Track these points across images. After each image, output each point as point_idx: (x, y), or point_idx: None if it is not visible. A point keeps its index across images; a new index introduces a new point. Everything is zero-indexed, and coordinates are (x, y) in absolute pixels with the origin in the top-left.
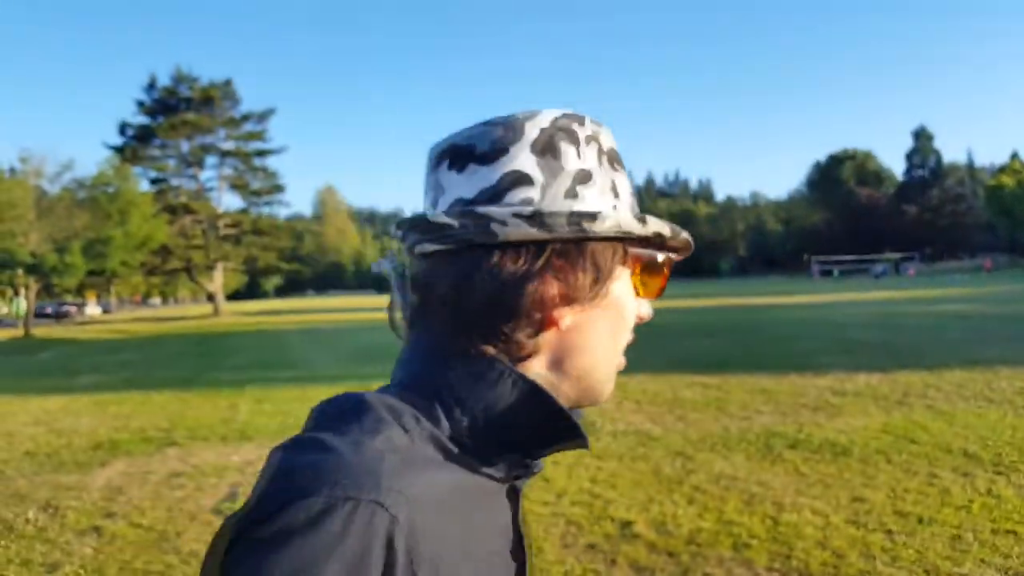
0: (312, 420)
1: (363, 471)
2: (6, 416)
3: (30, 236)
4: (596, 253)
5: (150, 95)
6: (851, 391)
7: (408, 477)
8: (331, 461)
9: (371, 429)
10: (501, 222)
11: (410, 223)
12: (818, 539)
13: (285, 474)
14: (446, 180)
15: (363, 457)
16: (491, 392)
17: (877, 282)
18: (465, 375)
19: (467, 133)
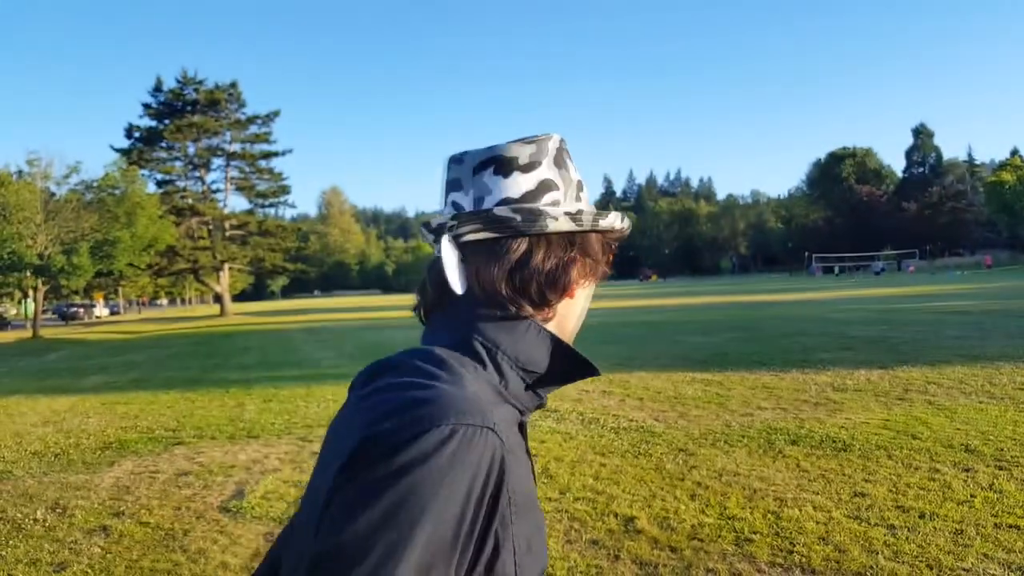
0: (390, 370)
1: (471, 404)
2: (15, 416)
3: (38, 238)
4: (597, 242)
5: (156, 98)
6: (852, 387)
7: (496, 410)
8: (445, 396)
9: (457, 373)
10: (554, 218)
11: (471, 216)
12: (820, 534)
13: (407, 408)
14: (492, 183)
15: (466, 393)
16: (529, 345)
17: (877, 279)
18: (504, 331)
19: (507, 148)
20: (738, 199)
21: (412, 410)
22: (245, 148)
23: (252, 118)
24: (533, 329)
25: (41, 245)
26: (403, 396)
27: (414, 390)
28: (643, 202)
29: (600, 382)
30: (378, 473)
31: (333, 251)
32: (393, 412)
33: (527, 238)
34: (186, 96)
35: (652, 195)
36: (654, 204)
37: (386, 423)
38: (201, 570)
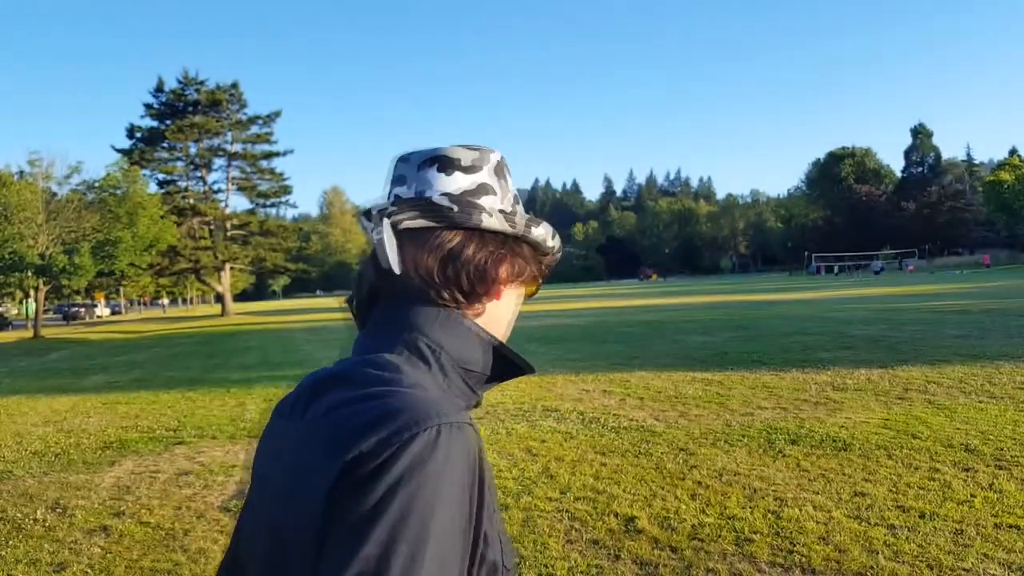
0: (339, 383)
1: (443, 403)
2: (15, 416)
3: (39, 238)
4: (526, 250)
5: (158, 98)
6: (852, 386)
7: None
8: (416, 400)
9: (415, 377)
10: (488, 213)
11: (411, 201)
12: (820, 534)
13: (385, 419)
14: (433, 178)
15: (433, 394)
16: (467, 344)
17: (877, 278)
18: (445, 332)
19: (451, 149)
20: (738, 198)
21: (390, 420)
22: (246, 148)
23: (253, 118)
24: (472, 329)
25: (43, 245)
26: (373, 408)
27: (381, 400)
28: (643, 201)
29: (601, 381)
30: (378, 491)
31: (335, 251)
32: (371, 426)
33: (461, 231)
34: (187, 96)
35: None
36: (654, 203)
37: (369, 438)
38: (202, 570)
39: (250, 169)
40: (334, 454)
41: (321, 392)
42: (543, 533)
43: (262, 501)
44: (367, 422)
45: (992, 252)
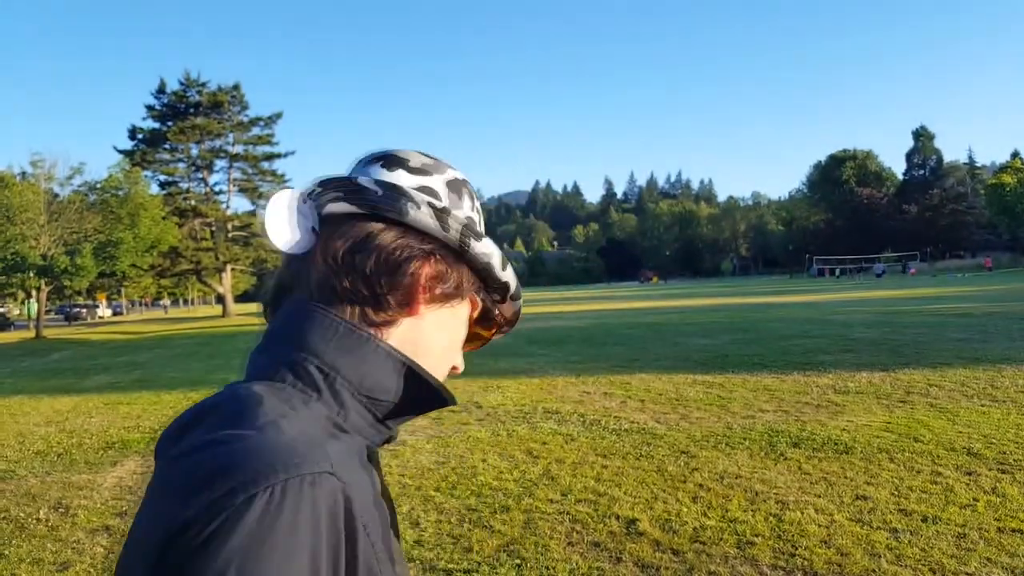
0: (207, 415)
1: (293, 449)
2: (18, 416)
3: (41, 239)
4: (464, 270)
5: (160, 100)
6: (853, 389)
7: (328, 447)
8: (258, 449)
9: (275, 414)
10: (416, 204)
11: (333, 181)
12: (822, 537)
13: (215, 477)
14: (374, 173)
15: (285, 438)
16: (374, 368)
17: (878, 281)
18: (343, 352)
19: (405, 151)
20: (739, 201)
21: (221, 479)
22: (248, 150)
23: (255, 120)
24: (381, 350)
25: (45, 246)
26: (210, 461)
27: (222, 448)
28: (644, 204)
29: (601, 384)
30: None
31: None
32: (201, 486)
33: (383, 220)
34: (189, 98)
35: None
36: (655, 206)
37: (194, 504)
38: None
39: (251, 170)
40: (164, 517)
41: (187, 428)
42: (544, 535)
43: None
44: (199, 481)
45: (994, 255)
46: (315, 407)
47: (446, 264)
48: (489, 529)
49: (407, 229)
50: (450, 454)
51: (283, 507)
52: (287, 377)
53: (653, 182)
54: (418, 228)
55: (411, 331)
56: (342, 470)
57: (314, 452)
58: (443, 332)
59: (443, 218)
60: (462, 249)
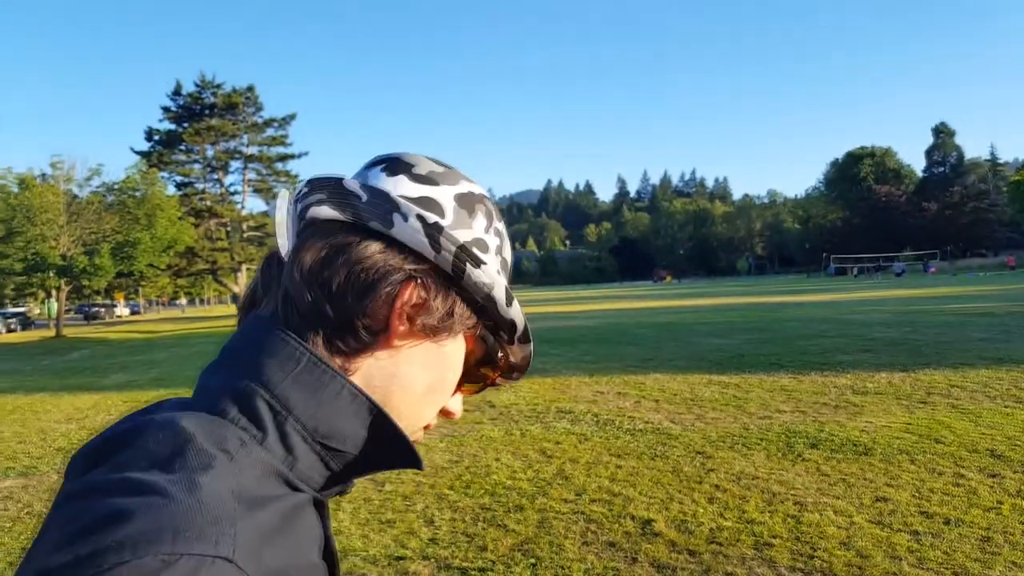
0: (111, 453)
1: (205, 519)
2: (39, 414)
3: (61, 239)
4: (458, 300)
5: (176, 101)
6: (872, 390)
7: (249, 519)
8: (159, 507)
9: (200, 464)
10: (403, 215)
11: (321, 181)
12: (841, 539)
13: (99, 528)
14: (374, 177)
15: (201, 501)
16: (335, 411)
17: (898, 280)
18: (301, 388)
19: (414, 155)
20: (754, 199)
21: (104, 532)
22: (262, 151)
23: (269, 121)
24: (346, 392)
25: (64, 246)
26: (102, 506)
27: (120, 495)
28: (657, 202)
29: (615, 383)
30: None
31: None
32: (80, 534)
33: (366, 230)
34: (204, 100)
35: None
36: (668, 204)
37: (67, 553)
38: None
39: (266, 171)
40: (38, 558)
41: (100, 456)
42: (559, 535)
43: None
44: (81, 528)
45: (1017, 253)
46: (255, 452)
47: (433, 291)
48: (503, 528)
49: (392, 244)
50: (464, 453)
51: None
52: (230, 411)
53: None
54: (405, 244)
55: (387, 364)
56: (249, 556)
57: (217, 528)
58: (427, 371)
59: (433, 235)
60: (455, 275)
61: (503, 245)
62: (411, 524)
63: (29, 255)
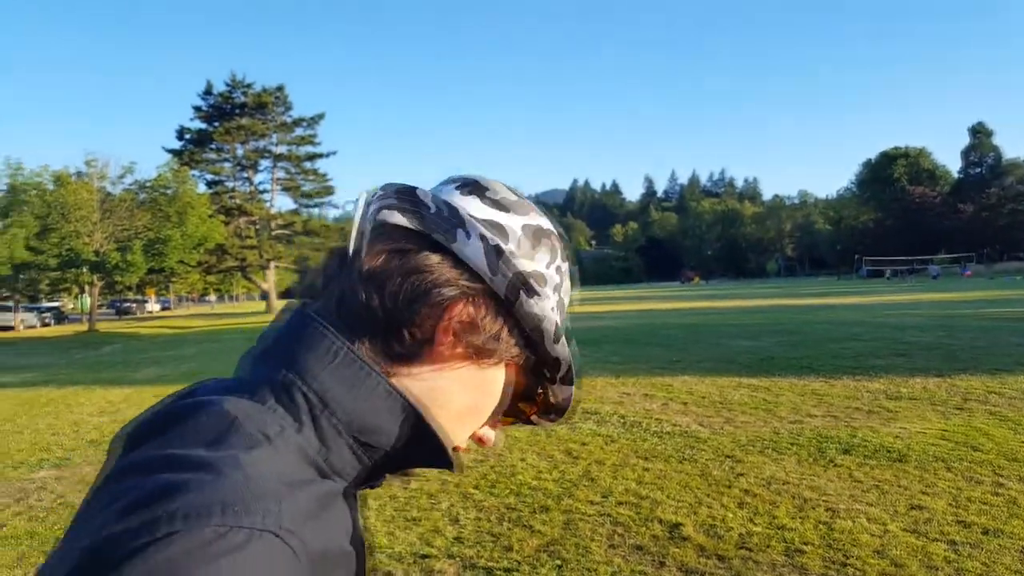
0: (156, 433)
1: (251, 495)
2: (73, 406)
3: (94, 236)
4: (506, 327)
5: (207, 101)
6: (907, 395)
7: (291, 499)
8: (209, 482)
9: (245, 444)
10: (467, 233)
11: (395, 187)
12: (875, 547)
13: (152, 501)
14: (447, 193)
15: (248, 477)
16: (371, 407)
17: (933, 283)
18: (339, 382)
19: (492, 180)
20: (785, 200)
21: (156, 505)
22: (291, 150)
23: (298, 120)
24: (382, 388)
25: (97, 242)
26: (154, 481)
27: (171, 471)
28: (685, 202)
29: (642, 385)
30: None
31: None
32: (134, 507)
33: (429, 240)
34: (235, 99)
35: (695, 195)
36: (696, 204)
37: (120, 524)
38: None
39: (294, 170)
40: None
41: (147, 435)
42: (585, 537)
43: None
44: (134, 500)
45: None
46: (292, 440)
47: (483, 311)
48: (529, 529)
49: (452, 259)
50: (488, 452)
51: (199, 554)
52: (268, 399)
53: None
54: (464, 261)
55: (427, 376)
56: (293, 532)
57: (263, 503)
58: (465, 392)
59: (492, 257)
60: (508, 300)
61: (563, 284)
62: (436, 522)
63: (64, 251)
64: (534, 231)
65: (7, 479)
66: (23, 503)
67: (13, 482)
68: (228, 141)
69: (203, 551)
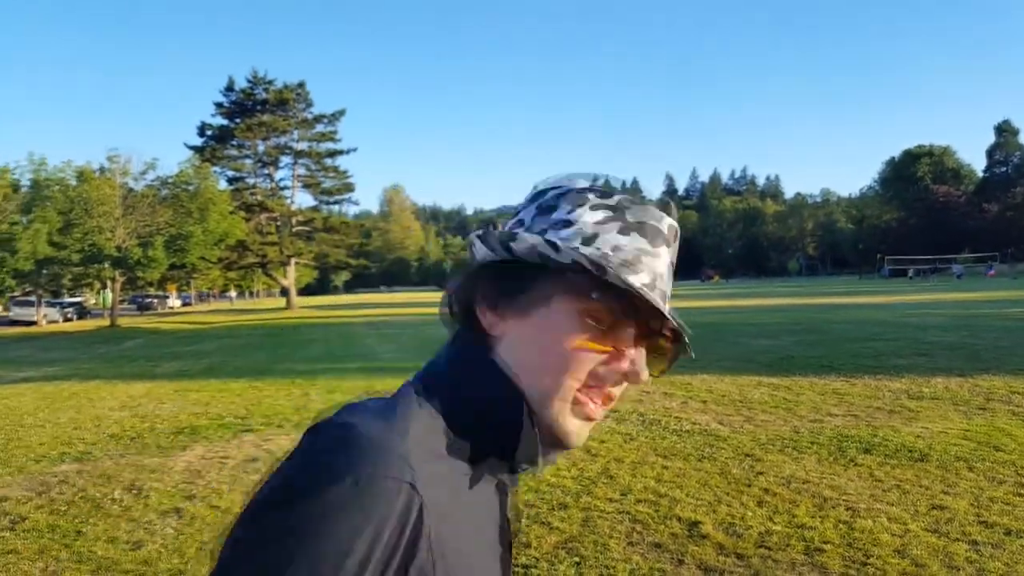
0: (351, 409)
1: (396, 454)
2: (95, 400)
3: (116, 231)
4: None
5: (228, 97)
6: (928, 395)
7: (429, 464)
8: (365, 441)
9: (401, 417)
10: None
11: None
12: (896, 547)
13: (325, 452)
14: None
15: (394, 441)
16: (472, 379)
17: (957, 283)
18: (460, 363)
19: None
20: (807, 198)
21: (327, 455)
22: (312, 146)
23: (319, 117)
24: (478, 356)
25: (119, 238)
26: (335, 436)
27: (348, 430)
28: (706, 200)
29: (661, 383)
30: (268, 522)
31: (394, 248)
32: (315, 454)
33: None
34: (256, 96)
35: (716, 193)
36: (717, 203)
37: (301, 465)
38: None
39: (315, 167)
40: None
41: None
42: (604, 534)
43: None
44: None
45: None
46: (439, 421)
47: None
48: (547, 526)
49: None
50: None
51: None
52: (422, 390)
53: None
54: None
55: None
56: (428, 487)
57: (405, 462)
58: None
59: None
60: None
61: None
62: None
63: (86, 246)
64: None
65: (29, 472)
66: (44, 496)
67: (35, 475)
68: (249, 138)
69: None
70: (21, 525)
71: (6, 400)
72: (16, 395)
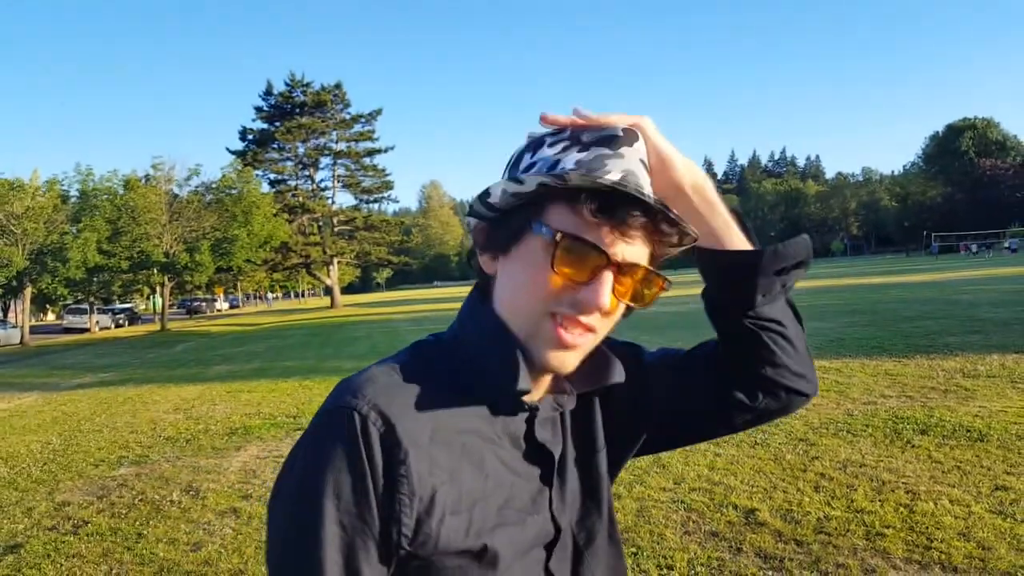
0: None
1: (368, 387)
2: (149, 404)
3: (164, 237)
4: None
5: (267, 101)
6: (984, 373)
7: (404, 392)
8: (362, 379)
9: (401, 358)
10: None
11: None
12: (959, 529)
13: (342, 391)
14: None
15: (374, 376)
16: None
17: (1012, 257)
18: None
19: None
20: (848, 177)
21: (339, 394)
22: (350, 146)
23: (356, 117)
24: (471, 296)
25: (167, 244)
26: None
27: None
28: (746, 184)
29: None
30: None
31: (433, 243)
32: (334, 394)
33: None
34: (295, 98)
35: (756, 176)
36: (758, 186)
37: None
38: None
39: (354, 166)
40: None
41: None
42: (659, 524)
43: None
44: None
45: None
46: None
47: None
48: None
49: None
50: None
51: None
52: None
53: (756, 160)
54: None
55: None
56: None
57: (377, 391)
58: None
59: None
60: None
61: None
62: None
63: (135, 253)
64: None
65: (89, 477)
66: (105, 500)
67: (95, 480)
68: (289, 140)
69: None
70: (84, 529)
71: (64, 406)
72: (73, 401)
